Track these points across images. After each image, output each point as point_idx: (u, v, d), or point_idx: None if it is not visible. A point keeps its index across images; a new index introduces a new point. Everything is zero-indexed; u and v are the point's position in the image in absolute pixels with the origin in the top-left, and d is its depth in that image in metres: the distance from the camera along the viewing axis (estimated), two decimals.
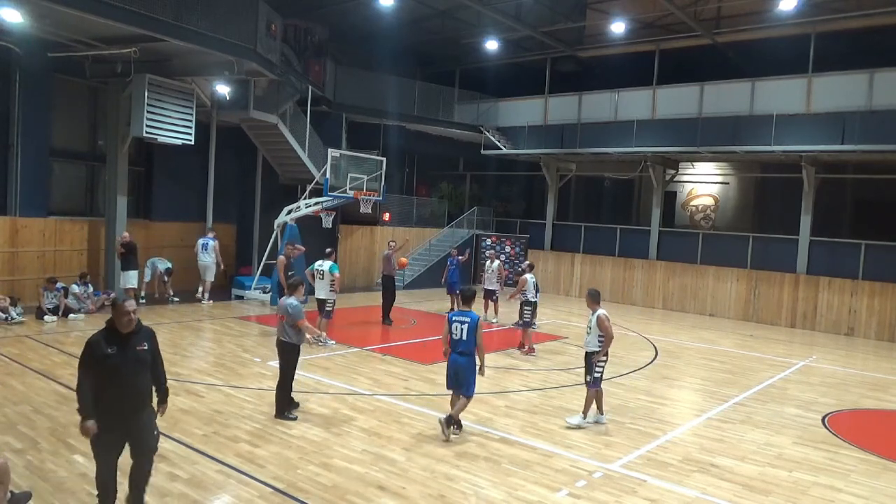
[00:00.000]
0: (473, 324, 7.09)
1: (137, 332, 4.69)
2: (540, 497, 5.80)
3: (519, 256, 23.34)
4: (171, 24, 12.09)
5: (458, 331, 7.15)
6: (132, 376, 4.61)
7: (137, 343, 4.66)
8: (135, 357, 4.63)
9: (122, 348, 4.56)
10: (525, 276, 12.46)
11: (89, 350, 4.57)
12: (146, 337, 4.76)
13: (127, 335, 4.62)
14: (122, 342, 4.58)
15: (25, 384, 8.29)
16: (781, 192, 20.62)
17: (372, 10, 19.31)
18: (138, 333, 4.69)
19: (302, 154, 17.70)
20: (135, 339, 4.65)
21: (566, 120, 22.02)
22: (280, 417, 7.53)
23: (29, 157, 13.72)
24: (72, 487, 5.43)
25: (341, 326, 13.34)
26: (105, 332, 4.63)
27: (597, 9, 20.68)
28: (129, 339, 4.62)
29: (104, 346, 4.53)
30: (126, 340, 4.60)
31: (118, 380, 4.55)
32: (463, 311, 7.30)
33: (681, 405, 9.46)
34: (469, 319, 7.13)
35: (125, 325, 4.60)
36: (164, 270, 15.40)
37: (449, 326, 7.24)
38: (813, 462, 7.16)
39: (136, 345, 4.65)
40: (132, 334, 4.65)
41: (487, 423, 7.79)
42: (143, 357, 4.69)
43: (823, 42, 17.47)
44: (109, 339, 4.57)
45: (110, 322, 4.66)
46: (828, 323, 17.49)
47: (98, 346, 4.55)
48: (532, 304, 12.23)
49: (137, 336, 4.68)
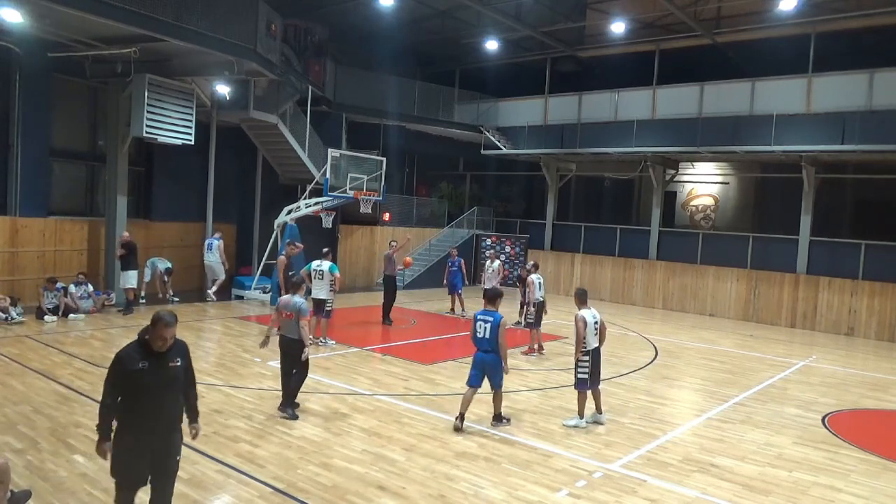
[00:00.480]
0: (496, 323, 7.36)
1: (170, 347, 4.28)
2: (540, 497, 5.80)
3: (519, 256, 23.35)
4: (171, 24, 12.09)
5: (481, 329, 7.46)
6: (164, 395, 4.22)
7: (171, 358, 4.26)
8: (167, 374, 4.22)
9: (154, 364, 4.16)
10: (531, 276, 12.40)
11: (119, 365, 4.17)
12: (179, 351, 4.36)
13: (160, 350, 4.23)
14: (154, 357, 4.18)
15: (25, 384, 8.29)
16: (781, 192, 20.62)
17: (372, 10, 19.32)
18: (171, 349, 4.29)
19: (302, 154, 17.70)
20: (168, 354, 4.25)
21: (566, 120, 22.02)
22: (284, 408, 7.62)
23: (29, 157, 13.72)
24: (72, 487, 5.43)
25: (341, 326, 13.34)
26: (137, 346, 4.22)
27: (597, 9, 20.68)
28: (162, 354, 4.23)
29: (135, 361, 4.12)
30: (159, 356, 4.21)
31: (149, 399, 4.16)
32: (487, 311, 7.54)
33: (681, 405, 9.46)
34: (492, 319, 7.41)
35: (161, 347, 4.20)
36: (164, 270, 15.40)
37: (474, 325, 7.55)
38: (813, 462, 7.16)
39: (169, 360, 4.25)
40: (165, 350, 4.25)
41: (487, 423, 7.78)
42: (176, 374, 4.29)
43: (823, 42, 17.47)
44: (141, 354, 4.16)
45: (143, 334, 4.25)
46: (828, 323, 17.49)
47: (128, 361, 4.13)
48: (537, 304, 12.15)
49: (171, 351, 4.27)
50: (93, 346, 10.66)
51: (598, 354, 8.01)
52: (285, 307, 7.83)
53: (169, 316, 4.19)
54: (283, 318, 7.81)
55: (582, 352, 7.85)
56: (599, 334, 7.97)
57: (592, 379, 7.89)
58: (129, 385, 4.15)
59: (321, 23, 19.33)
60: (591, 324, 7.89)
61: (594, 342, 7.92)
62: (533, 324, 12.10)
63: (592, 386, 7.92)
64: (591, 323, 7.89)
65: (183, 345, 4.44)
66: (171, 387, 4.28)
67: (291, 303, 7.81)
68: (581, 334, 7.80)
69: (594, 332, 7.92)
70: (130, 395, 4.16)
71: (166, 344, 4.19)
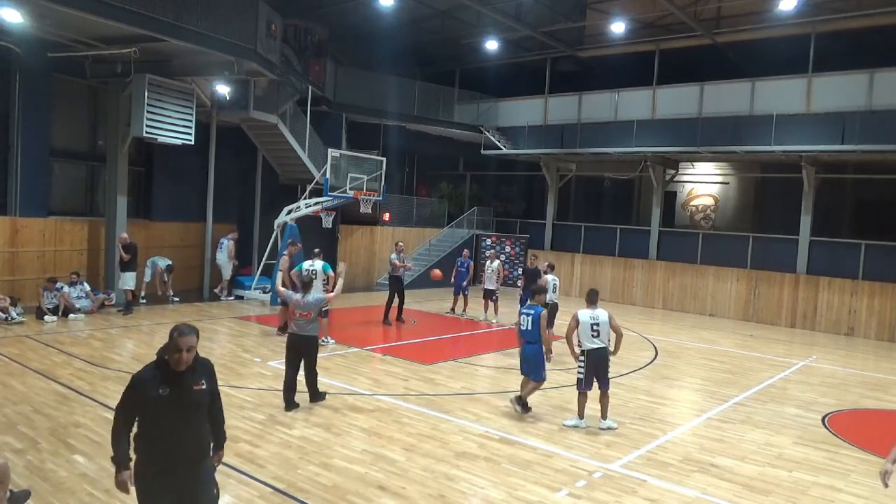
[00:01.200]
0: (536, 315, 7.97)
1: (194, 367, 3.80)
2: (540, 497, 5.80)
3: (519, 256, 23.35)
4: (172, 24, 12.09)
5: (524, 322, 8.05)
6: (188, 423, 3.76)
7: (194, 381, 3.78)
8: (191, 399, 3.75)
9: (175, 388, 3.68)
10: (546, 276, 12.34)
11: (134, 391, 3.69)
12: (204, 373, 3.87)
13: (182, 372, 3.76)
14: (176, 380, 3.70)
15: (25, 384, 8.29)
16: (781, 192, 20.61)
17: (372, 10, 19.31)
18: (195, 369, 3.80)
19: (302, 154, 17.70)
20: (191, 377, 3.77)
21: (566, 120, 22.02)
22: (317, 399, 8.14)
23: (29, 157, 13.72)
24: (72, 487, 5.43)
25: (341, 326, 13.34)
26: (155, 368, 3.76)
27: (597, 9, 20.67)
28: (185, 375, 3.75)
29: (154, 387, 3.65)
30: (181, 378, 3.73)
31: (171, 428, 3.70)
32: (530, 305, 8.18)
33: (681, 405, 9.46)
34: (533, 312, 8.02)
35: (177, 364, 3.70)
36: (165, 268, 15.42)
37: (518, 318, 8.18)
38: (813, 462, 7.16)
39: (192, 383, 3.76)
40: (188, 371, 3.78)
41: (487, 423, 7.79)
42: (200, 399, 3.82)
43: (823, 42, 17.47)
44: (161, 378, 3.69)
45: (162, 354, 3.78)
46: (828, 323, 17.49)
47: (146, 387, 3.65)
48: (550, 305, 11.98)
49: (194, 372, 3.79)
50: (93, 346, 10.66)
51: (597, 356, 7.83)
52: (301, 308, 7.94)
53: (186, 326, 3.75)
54: (299, 317, 7.94)
55: (579, 351, 7.86)
56: (600, 336, 7.82)
57: (587, 380, 7.83)
58: (148, 415, 3.70)
59: (321, 23, 19.33)
60: (587, 324, 7.82)
61: (589, 343, 7.82)
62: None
63: (586, 387, 7.83)
64: (587, 323, 7.83)
65: (208, 365, 3.96)
66: (195, 414, 3.82)
67: (305, 303, 7.96)
68: (568, 333, 7.95)
69: (590, 333, 7.81)
70: (150, 425, 3.71)
71: (183, 359, 3.68)
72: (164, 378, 3.69)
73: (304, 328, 7.96)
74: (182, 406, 3.72)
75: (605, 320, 7.84)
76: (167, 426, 3.70)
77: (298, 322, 7.96)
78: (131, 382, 3.72)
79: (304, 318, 7.93)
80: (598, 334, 7.82)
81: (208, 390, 3.88)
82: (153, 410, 3.67)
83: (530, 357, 8.06)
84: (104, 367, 9.35)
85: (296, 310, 7.98)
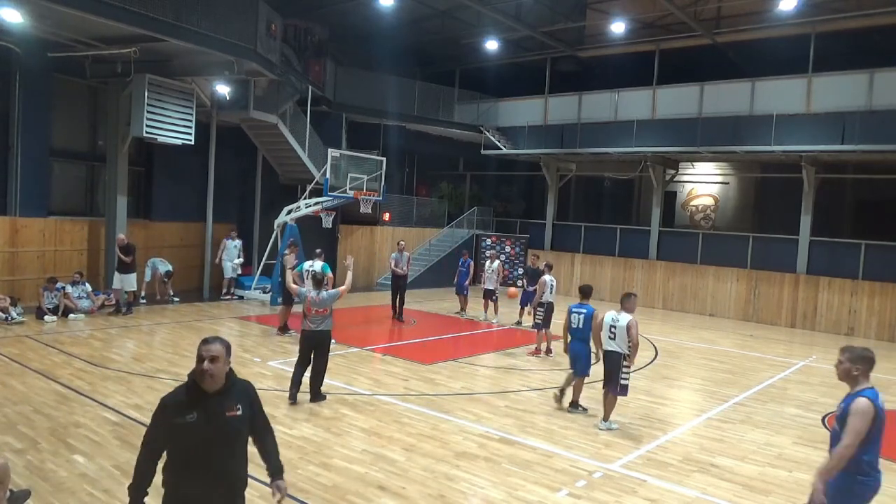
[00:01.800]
0: (589, 315, 8.29)
1: (228, 389, 3.32)
2: (540, 497, 5.80)
3: (519, 256, 23.35)
4: (172, 24, 12.09)
5: (576, 320, 8.39)
6: (219, 455, 3.26)
7: (227, 406, 3.27)
8: (223, 427, 3.24)
9: (206, 413, 3.21)
10: (544, 277, 12.32)
11: (162, 414, 3.27)
12: (241, 396, 3.38)
13: (214, 395, 3.27)
14: (206, 405, 3.23)
15: (25, 384, 8.29)
16: (781, 192, 20.61)
17: (372, 10, 19.31)
18: (229, 391, 3.32)
19: (302, 154, 17.71)
20: (225, 400, 3.28)
21: (566, 120, 22.02)
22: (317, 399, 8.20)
23: (29, 157, 13.72)
24: (72, 487, 5.43)
25: (341, 326, 13.31)
26: (185, 390, 3.30)
27: (597, 9, 20.67)
28: (217, 400, 3.26)
29: (183, 411, 3.20)
30: (212, 401, 3.25)
31: (198, 461, 3.23)
32: (581, 304, 8.51)
33: (681, 405, 9.46)
34: (585, 311, 8.37)
35: (200, 377, 3.24)
36: (164, 273, 15.38)
37: (569, 317, 8.49)
38: (813, 462, 7.14)
39: (224, 409, 3.26)
40: (220, 394, 3.28)
41: (487, 423, 7.79)
42: (235, 426, 3.30)
43: (823, 42, 17.46)
44: (191, 401, 3.23)
45: (192, 374, 3.31)
46: (828, 323, 17.49)
47: (175, 410, 3.22)
48: (546, 305, 12.00)
49: (228, 395, 3.30)
50: (92, 346, 10.66)
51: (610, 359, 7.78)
52: (316, 304, 8.17)
53: (212, 336, 3.33)
54: (315, 314, 8.16)
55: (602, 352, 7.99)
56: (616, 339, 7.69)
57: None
58: (175, 444, 3.24)
59: (321, 23, 19.33)
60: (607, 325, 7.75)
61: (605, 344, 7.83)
62: (541, 325, 11.96)
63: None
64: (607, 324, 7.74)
65: (247, 388, 3.48)
66: (228, 445, 3.29)
67: (320, 299, 8.19)
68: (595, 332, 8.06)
69: (607, 335, 7.78)
70: (176, 456, 3.25)
71: (205, 371, 3.22)
72: (193, 401, 3.22)
73: (319, 324, 8.18)
74: (212, 435, 3.21)
75: (622, 325, 7.63)
76: (194, 458, 3.22)
77: (314, 319, 8.17)
78: (158, 406, 3.31)
79: (320, 314, 8.17)
80: (613, 337, 7.74)
81: (246, 417, 3.34)
82: (180, 439, 3.21)
83: (580, 353, 8.35)
84: (104, 367, 9.36)
85: (311, 307, 8.19)
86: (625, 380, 7.73)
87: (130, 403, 7.73)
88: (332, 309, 7.92)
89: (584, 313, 8.35)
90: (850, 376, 4.23)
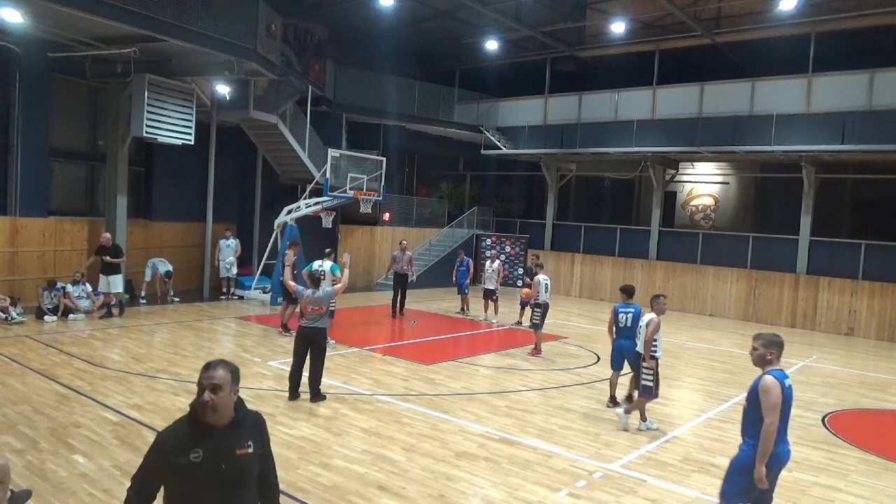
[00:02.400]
0: (636, 314, 8.39)
1: (238, 422, 2.86)
2: (540, 497, 5.80)
3: (519, 256, 23.35)
4: (172, 24, 12.09)
5: (624, 319, 8.56)
6: (227, 501, 2.81)
7: (237, 443, 2.82)
8: (233, 467, 2.79)
9: (212, 452, 2.75)
10: (538, 277, 12.33)
11: (159, 454, 2.78)
12: (251, 431, 2.91)
13: (220, 429, 2.79)
14: (212, 441, 2.77)
15: (25, 384, 8.29)
16: (781, 192, 20.62)
17: (372, 10, 19.31)
18: (239, 425, 2.86)
19: (302, 154, 17.71)
20: (233, 437, 2.82)
21: (566, 120, 22.03)
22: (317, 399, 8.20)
23: (29, 157, 13.71)
24: (72, 487, 5.43)
25: (342, 326, 13.33)
26: (186, 423, 2.83)
27: (597, 9, 20.67)
28: (224, 435, 2.80)
29: (185, 449, 2.73)
30: (219, 437, 2.78)
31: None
32: (627, 304, 8.66)
33: (680, 405, 9.46)
34: (633, 310, 8.51)
35: (201, 411, 2.77)
36: (164, 273, 15.37)
37: (615, 316, 8.67)
38: (813, 462, 7.16)
39: (234, 446, 2.81)
40: (228, 428, 2.81)
41: (487, 423, 7.79)
42: (245, 466, 2.85)
43: (823, 42, 17.47)
44: (193, 437, 2.77)
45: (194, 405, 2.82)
46: (828, 323, 17.49)
47: (174, 448, 2.75)
48: (542, 305, 12.03)
49: (237, 430, 2.84)
50: (92, 346, 10.66)
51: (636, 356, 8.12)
52: (312, 302, 8.23)
53: (216, 360, 2.86)
54: (311, 311, 8.23)
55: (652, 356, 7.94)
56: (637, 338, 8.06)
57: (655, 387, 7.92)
58: (175, 488, 2.78)
59: (321, 23, 19.33)
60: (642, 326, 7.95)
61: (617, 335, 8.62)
62: (538, 325, 12.01)
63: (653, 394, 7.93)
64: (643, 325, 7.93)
65: (258, 421, 3.00)
66: (238, 487, 2.84)
67: (316, 297, 8.24)
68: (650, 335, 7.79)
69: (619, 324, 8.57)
70: (178, 500, 2.80)
71: (206, 404, 2.74)
72: (197, 438, 2.76)
73: (314, 321, 8.24)
74: (220, 477, 2.76)
75: (642, 324, 7.93)
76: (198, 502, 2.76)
77: (310, 316, 8.24)
78: (154, 443, 2.83)
79: (316, 311, 8.22)
80: (637, 336, 8.07)
81: (257, 455, 2.89)
82: (181, 482, 2.75)
83: (627, 351, 8.46)
84: (104, 367, 9.36)
85: (307, 305, 8.23)
86: (646, 380, 7.82)
87: (130, 403, 7.73)
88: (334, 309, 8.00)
89: (631, 312, 8.52)
90: (764, 361, 4.58)
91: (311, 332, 8.22)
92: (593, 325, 16.08)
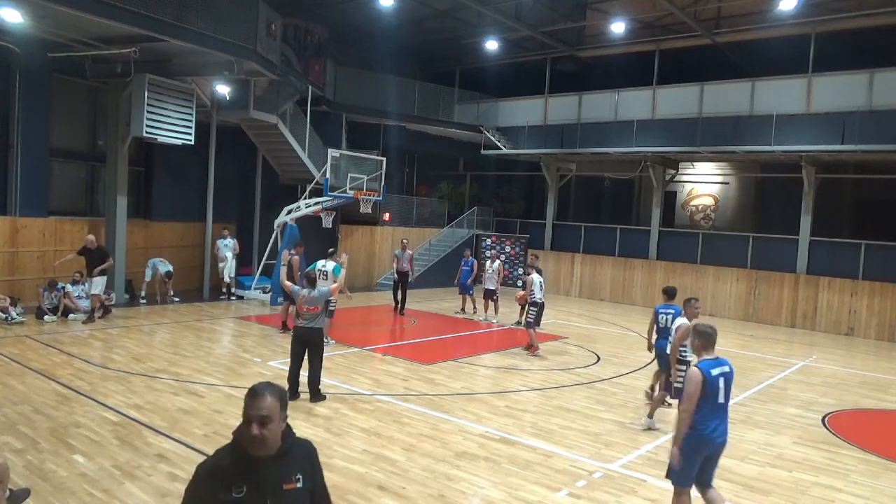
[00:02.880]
0: (677, 314, 8.41)
1: (286, 452, 2.56)
2: (540, 497, 5.80)
3: (519, 256, 23.35)
4: (172, 24, 12.09)
5: (664, 320, 8.66)
6: None
7: (284, 476, 2.54)
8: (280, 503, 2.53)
9: (257, 487, 2.48)
10: (531, 276, 12.37)
11: (199, 489, 2.52)
12: (301, 462, 2.63)
13: (266, 461, 2.51)
14: (258, 475, 2.49)
15: (25, 384, 8.29)
16: (781, 192, 20.62)
17: (372, 11, 19.31)
18: (287, 456, 2.56)
19: (302, 154, 17.71)
20: (280, 470, 2.53)
21: (566, 120, 22.03)
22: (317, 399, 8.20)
23: (29, 157, 13.72)
24: (72, 487, 5.43)
25: (342, 326, 13.33)
26: (229, 453, 2.54)
27: (597, 9, 20.67)
28: (271, 468, 2.52)
29: (227, 484, 2.46)
30: (265, 471, 2.51)
31: None
32: (667, 305, 8.82)
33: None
34: (674, 311, 8.59)
35: (250, 444, 2.47)
36: (165, 273, 15.35)
37: (656, 317, 8.85)
38: (813, 462, 7.16)
39: (281, 480, 2.53)
40: (274, 459, 2.52)
41: (487, 423, 7.79)
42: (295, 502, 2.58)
43: (823, 42, 17.47)
44: (236, 469, 2.49)
45: (238, 433, 2.54)
46: (828, 323, 17.49)
47: (216, 483, 2.48)
48: (537, 304, 12.10)
49: (285, 462, 2.55)
50: (92, 346, 10.67)
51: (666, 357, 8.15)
52: (308, 302, 8.24)
53: (262, 384, 2.55)
54: (307, 312, 8.25)
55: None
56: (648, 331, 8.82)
57: None
58: None
59: (321, 23, 19.33)
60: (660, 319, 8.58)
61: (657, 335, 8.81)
62: (532, 323, 12.10)
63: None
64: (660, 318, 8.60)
65: (309, 451, 2.72)
66: None
67: (311, 297, 8.26)
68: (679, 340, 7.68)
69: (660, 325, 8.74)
70: None
71: (255, 437, 2.44)
72: (241, 471, 2.48)
73: (310, 321, 8.26)
74: None
75: (673, 327, 8.04)
76: None
77: (306, 316, 8.25)
78: (194, 476, 2.55)
79: (312, 311, 8.23)
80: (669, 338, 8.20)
81: (306, 490, 2.60)
82: None
83: (662, 350, 8.59)
84: (104, 367, 9.36)
85: (303, 305, 8.24)
86: (678, 382, 7.57)
87: (130, 403, 7.73)
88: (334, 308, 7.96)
89: (671, 313, 8.61)
90: (699, 351, 5.13)
91: (306, 332, 8.23)
92: (593, 325, 16.08)
